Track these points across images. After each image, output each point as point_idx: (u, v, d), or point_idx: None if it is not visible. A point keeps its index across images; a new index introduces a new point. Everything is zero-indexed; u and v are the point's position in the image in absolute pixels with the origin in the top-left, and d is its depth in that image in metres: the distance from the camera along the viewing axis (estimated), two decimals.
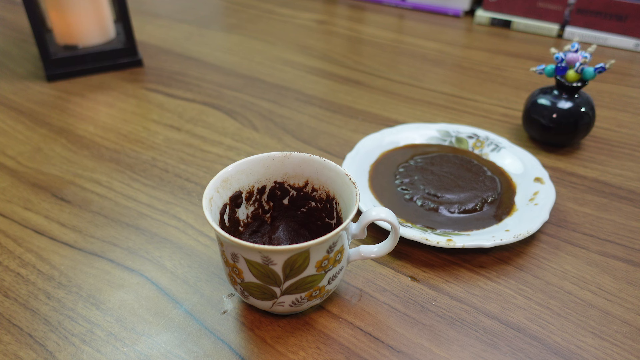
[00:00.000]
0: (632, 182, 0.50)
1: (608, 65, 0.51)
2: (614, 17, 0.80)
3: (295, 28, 0.89)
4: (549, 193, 0.44)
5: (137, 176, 0.50)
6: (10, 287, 0.38)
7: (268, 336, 0.34)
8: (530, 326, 0.35)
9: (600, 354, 0.33)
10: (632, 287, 0.38)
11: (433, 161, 0.50)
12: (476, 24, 0.92)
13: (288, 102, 0.64)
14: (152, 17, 0.93)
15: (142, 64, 0.73)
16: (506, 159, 0.50)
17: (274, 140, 0.56)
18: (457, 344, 0.34)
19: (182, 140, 0.56)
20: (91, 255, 0.41)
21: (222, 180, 0.35)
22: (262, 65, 0.74)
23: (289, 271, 0.31)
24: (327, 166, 0.36)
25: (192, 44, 0.82)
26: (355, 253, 0.36)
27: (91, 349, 0.34)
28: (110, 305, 0.37)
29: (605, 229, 0.44)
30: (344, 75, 0.72)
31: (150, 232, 0.43)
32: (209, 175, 0.50)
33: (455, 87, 0.69)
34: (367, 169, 0.49)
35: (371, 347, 0.34)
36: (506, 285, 0.38)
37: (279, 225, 0.40)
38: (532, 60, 0.77)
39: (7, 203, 0.47)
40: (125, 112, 0.62)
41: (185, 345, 0.34)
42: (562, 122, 0.52)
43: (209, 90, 0.67)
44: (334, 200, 0.37)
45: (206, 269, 0.40)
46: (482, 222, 0.43)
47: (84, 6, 0.69)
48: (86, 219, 0.45)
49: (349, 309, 0.36)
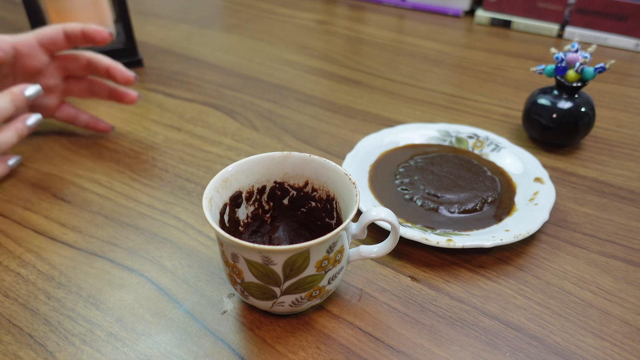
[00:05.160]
0: (632, 182, 0.50)
1: (608, 65, 0.51)
2: (614, 17, 0.80)
3: (295, 28, 0.89)
4: (549, 193, 0.44)
5: (137, 176, 0.50)
6: (10, 287, 0.38)
7: (268, 336, 0.34)
8: (530, 326, 0.35)
9: (600, 354, 0.33)
10: (632, 287, 0.38)
11: (433, 161, 0.50)
12: (476, 24, 0.92)
13: (288, 102, 0.64)
14: (152, 17, 0.93)
15: (142, 64, 0.73)
16: (506, 159, 0.50)
17: (274, 140, 0.56)
18: (457, 344, 0.34)
19: (182, 140, 0.56)
20: (91, 255, 0.41)
21: (222, 180, 0.35)
22: (262, 65, 0.74)
23: (289, 271, 0.31)
24: (327, 166, 0.36)
25: (192, 44, 0.82)
26: (355, 253, 0.36)
27: (91, 349, 0.34)
28: (110, 305, 0.37)
29: (605, 229, 0.44)
30: (344, 75, 0.72)
31: (150, 232, 0.43)
32: (209, 175, 0.50)
33: (455, 87, 0.69)
34: (367, 169, 0.49)
35: (371, 347, 0.34)
36: (506, 285, 0.38)
37: (279, 225, 0.40)
38: (532, 60, 0.77)
39: (7, 203, 0.47)
40: (125, 112, 0.62)
41: (185, 345, 0.34)
42: (562, 122, 0.52)
43: (209, 90, 0.67)
44: (334, 200, 0.37)
45: (206, 269, 0.40)
46: (482, 222, 0.43)
47: (84, 6, 0.69)
48: (86, 219, 0.45)
49: (349, 309, 0.36)
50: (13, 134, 0.46)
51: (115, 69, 0.50)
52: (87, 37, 0.48)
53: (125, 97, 0.53)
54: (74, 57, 0.51)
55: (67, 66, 0.52)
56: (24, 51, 0.49)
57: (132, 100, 0.53)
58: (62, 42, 0.49)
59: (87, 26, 0.48)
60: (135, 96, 0.53)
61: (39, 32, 0.49)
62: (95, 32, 0.48)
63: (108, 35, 0.48)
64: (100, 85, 0.54)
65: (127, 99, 0.53)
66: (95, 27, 0.48)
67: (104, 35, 0.48)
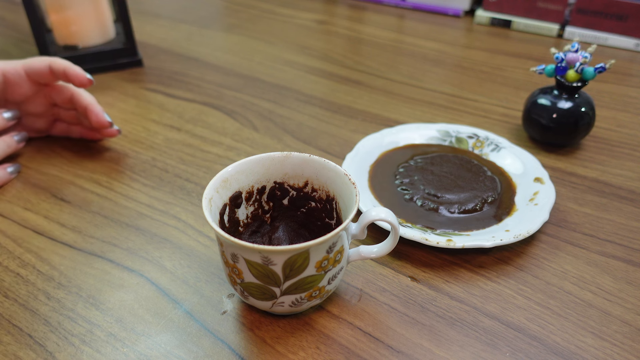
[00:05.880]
0: (632, 182, 0.50)
1: (608, 65, 0.51)
2: (614, 17, 0.80)
3: (295, 28, 0.89)
4: (549, 193, 0.44)
5: (137, 176, 0.50)
6: (10, 287, 0.38)
7: (268, 336, 0.34)
8: (530, 326, 0.35)
9: (600, 354, 0.33)
10: (632, 287, 0.38)
11: (433, 161, 0.50)
12: (476, 24, 0.92)
13: (288, 102, 0.64)
14: (152, 17, 0.93)
15: (142, 64, 0.73)
16: (506, 159, 0.50)
17: (274, 140, 0.56)
18: (457, 344, 0.34)
19: (182, 140, 0.56)
20: (91, 255, 0.41)
21: (222, 180, 0.35)
22: (262, 65, 0.74)
23: (289, 271, 0.31)
24: (327, 166, 0.36)
25: (192, 44, 0.82)
26: (355, 253, 0.36)
27: (91, 349, 0.34)
28: (110, 305, 0.37)
29: (605, 229, 0.44)
30: (344, 75, 0.72)
31: (150, 233, 0.43)
32: (209, 176, 0.50)
33: (455, 87, 0.69)
34: (367, 169, 0.49)
35: (371, 347, 0.34)
36: (506, 286, 0.38)
37: (279, 225, 0.40)
38: (532, 60, 0.77)
39: (7, 203, 0.47)
40: (125, 112, 0.62)
41: (185, 345, 0.34)
42: (562, 122, 0.52)
43: (209, 90, 0.67)
44: (334, 201, 0.37)
45: (206, 269, 0.40)
46: (482, 222, 0.43)
47: (84, 6, 0.69)
48: (86, 219, 0.45)
49: (348, 309, 0.36)
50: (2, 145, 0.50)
51: (91, 112, 0.51)
52: (67, 77, 0.50)
53: (104, 134, 0.54)
54: (60, 89, 0.53)
55: (53, 96, 0.53)
56: (11, 80, 0.50)
57: (113, 135, 0.54)
58: (47, 75, 0.50)
59: (70, 67, 0.50)
60: (116, 132, 0.53)
61: (27, 63, 0.50)
62: (75, 75, 0.50)
63: (87, 81, 0.50)
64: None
65: (106, 134, 0.54)
66: (77, 71, 0.50)
67: (82, 80, 0.50)
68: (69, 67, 0.50)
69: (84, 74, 0.50)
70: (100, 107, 0.51)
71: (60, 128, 0.56)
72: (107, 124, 0.51)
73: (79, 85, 0.50)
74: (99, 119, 0.51)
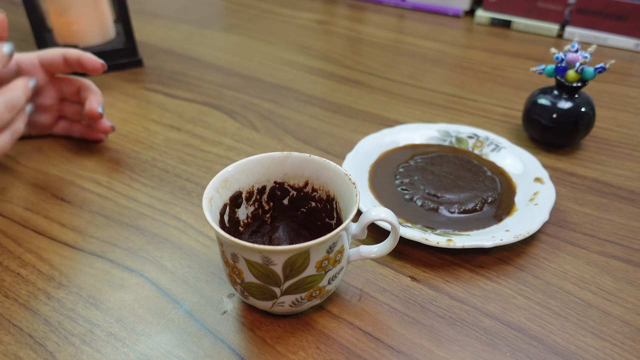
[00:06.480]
0: (632, 182, 0.50)
1: (608, 65, 0.51)
2: (614, 17, 0.80)
3: (295, 28, 0.89)
4: (549, 193, 0.44)
5: (137, 176, 0.50)
6: (10, 287, 0.38)
7: (268, 336, 0.34)
8: (530, 326, 0.35)
9: (600, 354, 0.33)
10: (632, 287, 0.38)
11: (433, 161, 0.50)
12: (476, 24, 0.92)
13: (288, 102, 0.64)
14: (152, 17, 0.93)
15: (142, 64, 0.73)
16: (506, 159, 0.50)
17: (274, 140, 0.56)
18: (457, 344, 0.34)
19: (182, 140, 0.56)
20: (91, 255, 0.41)
21: (222, 180, 0.35)
22: (262, 65, 0.74)
23: (289, 271, 0.31)
24: (327, 166, 0.36)
25: (192, 44, 0.82)
26: (355, 253, 0.36)
27: (91, 349, 0.34)
28: (110, 305, 0.37)
29: (605, 229, 0.44)
30: (344, 75, 0.72)
31: (150, 232, 0.43)
32: (209, 176, 0.50)
33: (455, 87, 0.69)
34: (367, 169, 0.49)
35: (371, 347, 0.34)
36: (506, 286, 0.38)
37: (279, 225, 0.40)
38: (532, 60, 0.77)
39: (7, 203, 0.47)
40: (125, 112, 0.62)
41: (185, 345, 0.34)
42: (562, 122, 0.52)
43: (209, 90, 0.67)
44: (334, 201, 0.37)
45: (206, 269, 0.40)
46: (482, 222, 0.43)
47: (84, 6, 0.69)
48: (86, 219, 0.45)
49: (349, 309, 0.36)
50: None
51: (88, 100, 0.51)
52: (81, 64, 0.51)
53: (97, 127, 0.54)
54: (69, 81, 0.54)
55: (63, 88, 0.54)
56: (26, 69, 0.51)
57: (106, 131, 0.54)
58: (61, 65, 0.52)
59: (83, 55, 0.51)
60: (109, 127, 0.53)
61: (41, 53, 0.52)
62: (88, 61, 0.51)
63: (100, 66, 0.52)
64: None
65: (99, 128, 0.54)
66: (90, 57, 0.51)
67: (95, 65, 0.51)
68: (83, 55, 0.51)
69: (97, 59, 0.51)
70: (100, 99, 0.52)
71: (62, 127, 0.56)
72: (97, 114, 0.51)
73: (92, 71, 0.52)
74: (92, 106, 0.51)
